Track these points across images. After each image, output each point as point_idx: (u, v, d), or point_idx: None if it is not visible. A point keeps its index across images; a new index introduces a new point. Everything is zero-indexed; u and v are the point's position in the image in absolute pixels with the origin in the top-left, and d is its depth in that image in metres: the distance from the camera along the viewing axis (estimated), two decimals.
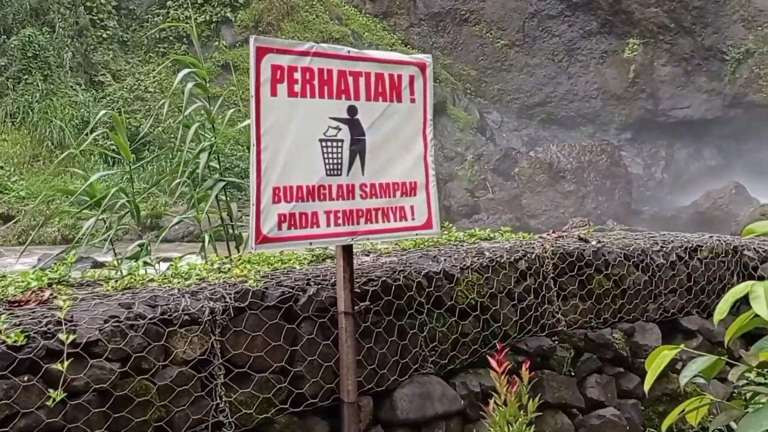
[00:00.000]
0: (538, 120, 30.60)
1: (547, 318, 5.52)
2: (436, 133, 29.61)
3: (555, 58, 30.34)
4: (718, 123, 28.35)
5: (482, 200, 26.11)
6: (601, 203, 24.34)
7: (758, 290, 3.78)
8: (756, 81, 27.55)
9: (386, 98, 4.36)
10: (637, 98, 29.35)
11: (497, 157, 27.86)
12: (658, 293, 6.31)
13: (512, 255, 5.41)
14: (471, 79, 31.06)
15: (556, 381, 5.36)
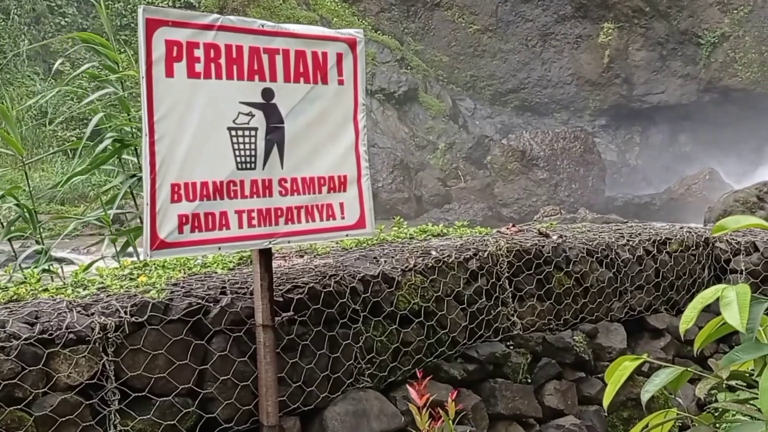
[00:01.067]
0: (511, 107, 30.14)
1: (501, 321, 5.07)
2: (408, 121, 29.11)
3: (529, 44, 29.86)
4: (694, 108, 28.07)
5: (454, 189, 25.68)
6: (575, 191, 23.98)
7: (729, 295, 3.33)
8: (731, 65, 27.29)
9: (309, 79, 3.85)
10: (612, 84, 28.98)
11: (470, 145, 27.40)
12: (623, 291, 5.89)
13: (462, 254, 4.95)
14: (443, 66, 30.52)
15: (511, 390, 4.91)
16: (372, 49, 29.51)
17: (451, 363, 4.73)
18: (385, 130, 28.84)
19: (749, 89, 26.77)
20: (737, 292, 3.28)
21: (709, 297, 3.40)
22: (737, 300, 3.24)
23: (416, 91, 29.28)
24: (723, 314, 3.21)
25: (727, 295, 3.29)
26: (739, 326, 3.14)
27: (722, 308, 3.26)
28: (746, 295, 3.25)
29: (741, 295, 3.27)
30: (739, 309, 3.21)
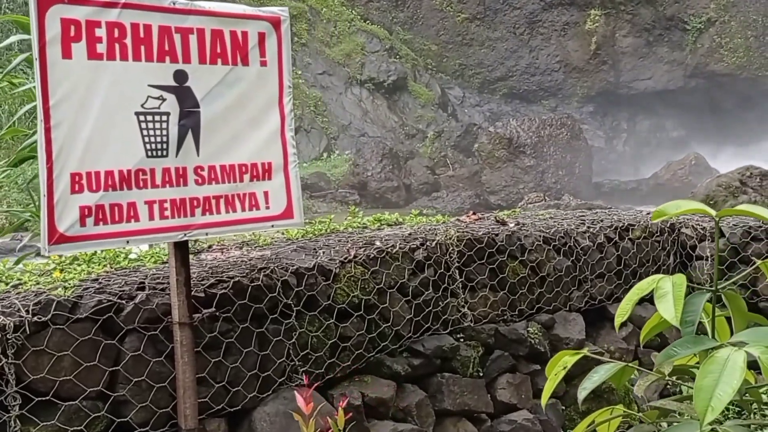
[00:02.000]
0: (500, 94, 29.80)
1: (450, 313, 4.79)
2: (397, 110, 28.77)
3: (516, 32, 29.48)
4: (680, 94, 27.75)
5: (443, 177, 25.36)
6: (561, 177, 23.66)
7: (665, 286, 3.07)
8: (717, 50, 26.94)
9: (227, 61, 3.55)
10: (599, 70, 28.64)
11: (458, 133, 27.07)
12: (583, 279, 5.62)
13: (408, 244, 4.66)
14: (432, 55, 30.14)
15: (459, 385, 4.64)
16: (361, 38, 29.16)
17: (395, 358, 4.46)
18: (374, 119, 28.52)
19: (735, 74, 26.44)
20: (673, 283, 3.00)
21: (645, 288, 3.12)
22: (672, 292, 2.97)
23: (405, 80, 28.92)
24: (657, 307, 2.94)
25: (662, 287, 3.02)
26: (673, 320, 2.87)
27: (656, 301, 2.98)
28: (682, 286, 2.97)
29: (677, 286, 2.99)
30: (674, 301, 2.93)
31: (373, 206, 25.17)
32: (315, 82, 28.37)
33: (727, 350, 2.72)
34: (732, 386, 2.60)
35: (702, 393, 2.64)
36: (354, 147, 26.99)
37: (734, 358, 2.68)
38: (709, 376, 2.66)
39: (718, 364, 2.68)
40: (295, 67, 28.35)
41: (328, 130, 27.74)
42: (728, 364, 2.67)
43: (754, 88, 25.95)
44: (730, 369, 2.65)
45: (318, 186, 25.11)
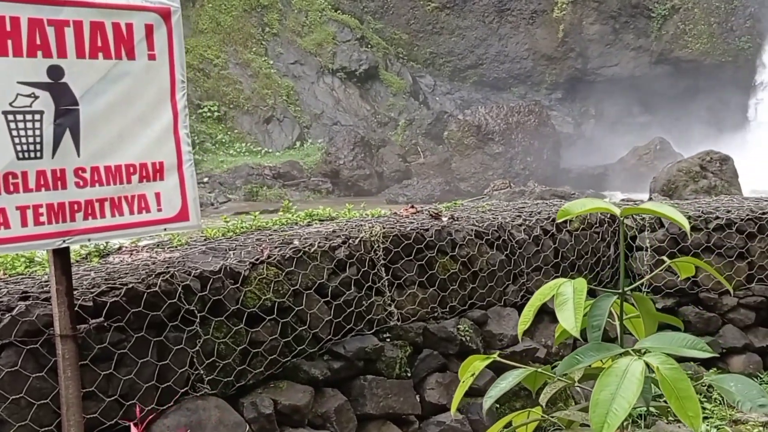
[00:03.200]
0: (470, 82, 29.50)
1: (376, 312, 4.52)
2: (369, 99, 28.40)
3: (486, 20, 29.14)
4: (646, 80, 27.58)
5: (414, 165, 25.08)
6: (530, 164, 23.46)
7: (566, 291, 2.82)
8: (682, 37, 26.78)
9: (110, 55, 3.23)
10: (567, 57, 28.40)
11: (429, 121, 26.76)
12: (518, 273, 5.36)
13: (329, 242, 4.37)
14: (403, 43, 29.74)
15: (383, 387, 4.38)
16: (332, 28, 28.71)
17: (314, 361, 4.18)
18: (347, 108, 28.15)
19: (699, 60, 26.32)
20: (574, 288, 2.75)
21: (547, 294, 2.88)
22: (573, 298, 2.72)
23: (377, 69, 28.55)
24: (557, 315, 2.69)
25: (563, 292, 2.76)
26: (573, 330, 2.61)
27: (556, 308, 2.73)
28: (582, 292, 2.72)
29: (577, 292, 2.74)
30: (574, 308, 2.67)
31: (346, 194, 24.85)
32: (287, 71, 27.94)
33: (626, 360, 2.49)
34: (628, 400, 2.38)
35: (598, 408, 2.40)
36: (326, 135, 26.63)
37: (632, 370, 2.44)
38: (605, 389, 2.43)
39: (615, 375, 2.45)
40: (268, 57, 27.91)
41: (300, 119, 27.34)
42: (626, 375, 2.44)
43: (717, 73, 25.84)
44: (628, 381, 2.42)
45: (291, 175, 24.75)
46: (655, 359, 2.47)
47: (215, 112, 26.13)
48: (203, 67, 26.56)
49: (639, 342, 2.71)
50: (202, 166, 24.51)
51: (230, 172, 23.73)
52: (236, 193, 22.76)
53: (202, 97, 26.33)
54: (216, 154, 25.16)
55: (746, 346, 5.73)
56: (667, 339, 2.70)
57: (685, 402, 2.41)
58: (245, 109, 26.56)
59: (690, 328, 5.76)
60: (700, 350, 2.57)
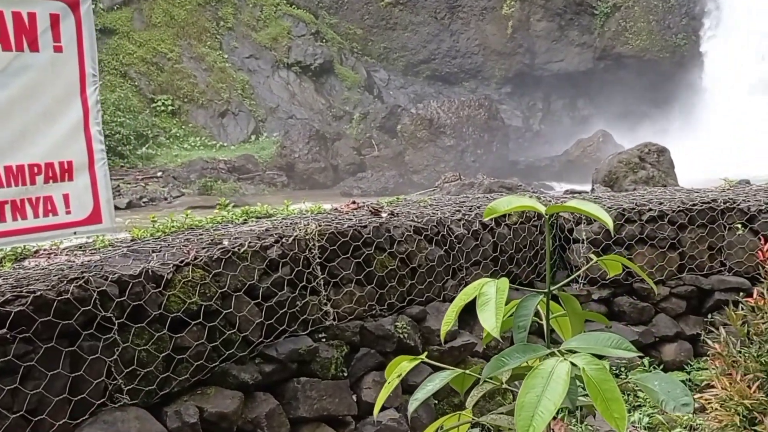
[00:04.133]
0: (423, 77, 29.33)
1: (310, 312, 4.29)
2: (324, 93, 28.02)
3: (438, 16, 28.96)
4: (590, 75, 27.77)
5: (368, 158, 24.83)
6: (480, 156, 23.42)
7: (488, 292, 2.62)
8: (623, 34, 27.00)
9: (10, 46, 2.92)
10: (516, 53, 28.41)
11: (383, 114, 26.50)
12: (457, 268, 5.19)
13: (260, 241, 4.11)
14: (357, 38, 29.39)
15: (318, 389, 4.15)
16: (287, 22, 28.20)
17: (244, 365, 3.93)
18: (302, 101, 27.72)
19: (639, 56, 26.61)
20: (497, 288, 2.56)
21: (470, 294, 2.68)
22: (495, 298, 2.52)
23: (332, 63, 28.17)
24: (479, 316, 2.50)
25: (485, 292, 2.56)
26: (493, 331, 2.42)
27: (478, 309, 2.53)
28: (504, 291, 2.52)
29: (500, 291, 2.54)
30: (496, 309, 2.48)
31: (301, 187, 24.49)
32: (242, 65, 27.36)
33: (552, 362, 2.32)
34: (554, 402, 2.21)
35: (523, 411, 2.22)
36: (282, 129, 26.18)
37: (558, 371, 2.28)
38: (531, 391, 2.25)
39: (541, 377, 2.27)
40: (222, 51, 27.29)
41: (255, 112, 26.83)
42: (552, 377, 2.27)
43: (656, 69, 26.18)
44: (554, 383, 2.25)
45: (246, 168, 24.27)
46: (580, 360, 2.32)
47: (169, 106, 25.46)
48: (157, 60, 25.83)
49: (565, 342, 2.55)
50: (156, 161, 23.88)
51: (184, 166, 23.15)
52: (190, 188, 22.21)
53: (155, 91, 25.62)
54: (170, 148, 24.53)
55: (678, 334, 5.67)
56: (592, 339, 2.55)
57: (611, 404, 2.25)
58: (200, 103, 25.94)
59: (625, 318, 5.68)
60: (625, 350, 2.44)
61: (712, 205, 5.76)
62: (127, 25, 26.28)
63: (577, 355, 2.33)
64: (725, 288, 5.74)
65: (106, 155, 3.20)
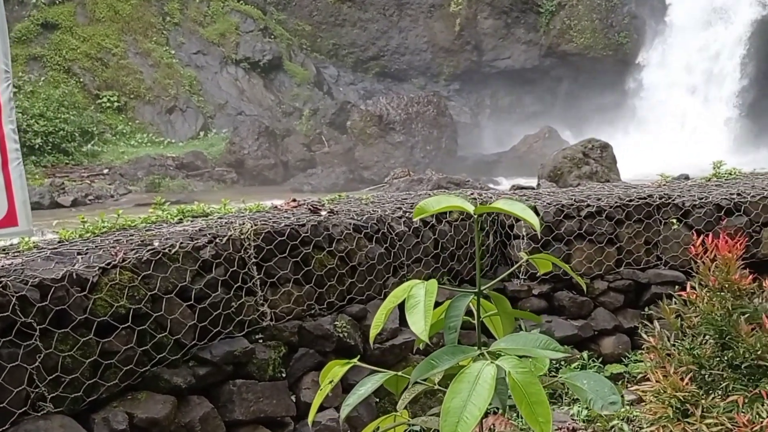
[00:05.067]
0: (373, 73, 29.26)
1: (246, 313, 4.17)
2: (274, 89, 27.68)
3: (386, 13, 28.92)
4: (536, 72, 28.15)
5: (318, 154, 24.65)
6: (429, 152, 23.51)
7: (418, 293, 2.55)
8: (567, 32, 27.43)
9: None
10: (464, 50, 28.59)
11: (333, 111, 26.36)
12: (399, 266, 5.13)
13: (193, 242, 3.98)
14: (306, 35, 29.12)
15: (254, 391, 4.04)
16: (235, 18, 27.76)
17: (177, 369, 3.80)
18: (251, 98, 27.34)
19: (583, 54, 27.08)
20: (426, 290, 2.50)
21: (400, 296, 2.62)
22: (424, 300, 2.47)
23: (281, 59, 27.84)
24: (407, 319, 2.44)
25: (414, 295, 2.50)
26: (422, 334, 2.36)
27: (407, 311, 2.47)
28: (433, 294, 2.47)
29: (428, 294, 2.49)
30: (424, 312, 2.43)
31: (251, 184, 24.16)
32: (189, 61, 26.82)
33: (479, 365, 2.28)
34: (479, 407, 2.17)
35: (449, 417, 2.18)
36: (231, 126, 25.78)
37: (484, 375, 2.24)
38: (457, 396, 2.21)
39: (468, 382, 2.23)
40: (169, 46, 26.70)
41: (204, 109, 26.34)
42: (478, 381, 2.23)
43: (599, 66, 26.67)
44: (480, 387, 2.21)
45: (194, 165, 23.82)
46: (507, 363, 2.28)
47: (115, 102, 24.79)
48: (101, 56, 25.12)
49: (495, 343, 2.52)
50: (102, 158, 23.24)
51: (131, 163, 22.59)
52: (137, 185, 21.69)
53: (100, 87, 24.92)
54: (116, 145, 23.91)
55: (616, 327, 5.74)
56: (521, 340, 2.53)
57: (536, 407, 2.23)
58: (146, 99, 25.33)
59: (565, 313, 5.72)
60: (553, 350, 2.43)
61: (648, 201, 5.85)
62: (69, 20, 25.47)
63: (504, 357, 2.30)
64: (661, 282, 5.83)
65: (21, 155, 3.03)
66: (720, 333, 4.22)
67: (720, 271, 4.23)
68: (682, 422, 4.08)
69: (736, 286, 4.16)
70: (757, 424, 3.84)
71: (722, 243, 4.17)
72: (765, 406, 4.19)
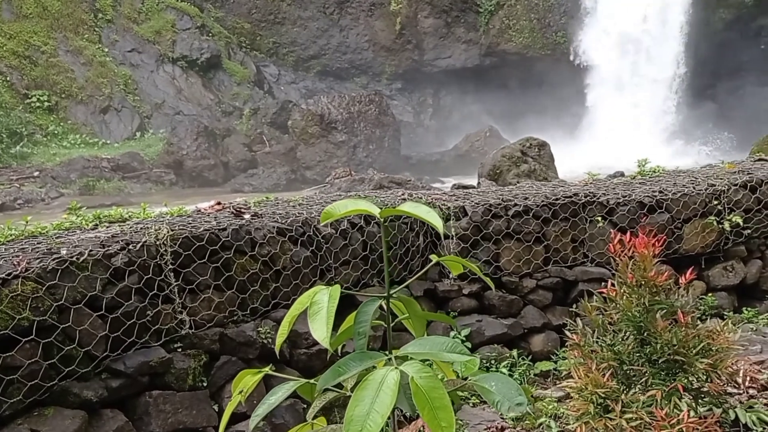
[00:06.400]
0: (314, 72, 29.05)
1: (163, 322, 4.05)
2: (213, 88, 27.21)
3: (326, 11, 28.76)
4: (477, 71, 28.44)
5: (259, 154, 24.34)
6: (372, 151, 23.47)
7: (321, 299, 2.50)
8: (506, 31, 27.80)
9: None
10: (405, 49, 28.67)
11: (274, 110, 26.06)
12: (326, 269, 5.07)
13: (104, 249, 3.83)
14: (245, 33, 28.71)
15: (172, 402, 3.93)
16: (171, 15, 27.17)
17: (88, 382, 3.66)
18: (189, 97, 26.81)
19: (522, 53, 27.50)
20: (330, 296, 2.46)
21: (305, 302, 2.57)
22: (327, 306, 2.42)
23: (219, 57, 27.38)
24: (310, 325, 2.39)
25: (318, 301, 2.45)
26: (324, 341, 2.30)
27: (309, 319, 2.42)
28: (335, 300, 2.43)
29: (332, 299, 2.44)
30: (327, 318, 2.38)
31: (190, 185, 23.68)
32: (124, 59, 26.11)
33: (382, 372, 2.25)
34: (382, 415, 2.15)
35: (352, 425, 2.15)
36: (168, 126, 25.21)
37: (388, 381, 2.21)
38: (361, 404, 2.18)
39: (371, 389, 2.20)
40: (102, 44, 25.96)
41: (140, 108, 25.69)
42: (382, 388, 2.20)
43: (538, 65, 27.13)
44: (383, 394, 2.19)
45: (131, 167, 23.21)
46: (411, 368, 2.26)
47: (45, 102, 23.94)
48: (30, 54, 24.21)
49: (402, 348, 2.50)
50: (32, 160, 22.42)
51: (64, 165, 21.85)
52: (71, 187, 21.00)
53: (29, 86, 24.02)
54: (47, 146, 23.10)
55: (545, 325, 5.82)
56: (428, 343, 2.52)
57: (439, 412, 2.21)
58: (79, 98, 24.54)
59: (495, 311, 5.77)
60: (460, 353, 2.42)
61: (573, 199, 5.94)
62: None
63: (408, 363, 2.28)
64: (588, 279, 5.94)
65: None
66: (638, 329, 4.32)
67: (638, 268, 4.33)
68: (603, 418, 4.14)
69: (653, 282, 4.27)
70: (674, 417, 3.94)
71: (640, 241, 4.26)
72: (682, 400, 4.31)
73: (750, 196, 6.42)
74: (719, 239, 6.33)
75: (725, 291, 6.38)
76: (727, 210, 6.31)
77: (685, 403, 4.26)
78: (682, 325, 4.27)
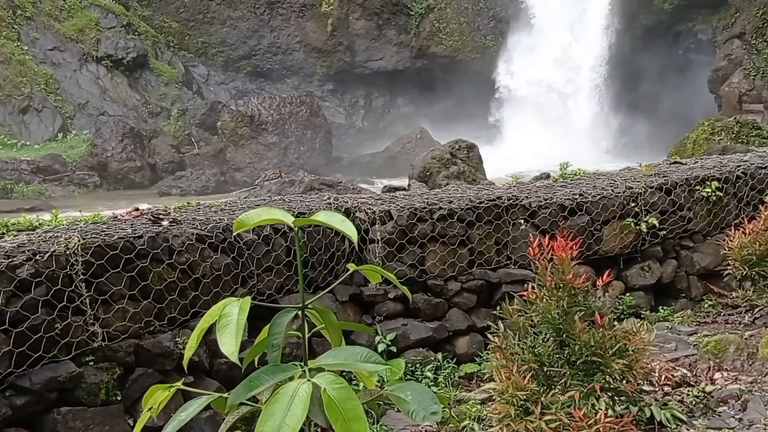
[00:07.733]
0: (244, 73, 28.60)
1: (74, 335, 3.85)
2: (139, 88, 26.43)
3: (257, 11, 28.36)
4: (408, 73, 28.63)
5: (188, 156, 23.79)
6: (303, 153, 23.29)
7: (231, 313, 2.41)
8: (437, 34, 28.09)
9: None
10: (336, 51, 28.58)
11: (203, 111, 25.53)
12: (248, 275, 4.96)
13: (7, 260, 3.62)
14: (173, 32, 28.00)
15: (83, 418, 3.75)
16: (95, 13, 26.24)
17: None
18: (114, 97, 25.94)
19: (452, 56, 27.84)
20: (240, 308, 2.37)
21: (215, 314, 2.47)
22: (236, 319, 2.34)
23: (146, 57, 26.61)
24: (219, 339, 2.31)
25: (227, 313, 2.36)
26: (232, 355, 2.22)
27: (218, 332, 2.34)
28: (245, 312, 2.35)
29: (242, 311, 2.36)
30: (236, 331, 2.30)
31: (116, 187, 22.92)
32: (45, 58, 25.06)
33: (294, 384, 2.19)
34: (293, 429, 2.10)
35: None
36: (93, 126, 24.34)
37: (300, 394, 2.15)
38: (271, 419, 2.11)
39: (282, 402, 2.14)
40: (21, 42, 24.84)
41: (62, 109, 24.69)
42: (293, 401, 2.14)
43: (467, 68, 27.51)
44: (294, 407, 2.13)
45: (53, 169, 22.31)
46: (323, 380, 2.20)
47: None
48: None
49: (316, 360, 2.44)
50: None
51: None
52: None
53: None
54: None
55: (470, 327, 5.86)
56: (342, 354, 2.47)
57: (352, 423, 2.17)
58: None
59: (420, 315, 5.77)
60: (374, 362, 2.39)
61: (497, 203, 6.01)
62: None
63: (322, 374, 2.22)
64: (512, 281, 6.02)
65: None
66: (558, 331, 4.39)
67: (557, 271, 4.40)
68: (524, 420, 4.19)
69: (571, 285, 4.35)
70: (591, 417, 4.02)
71: (558, 244, 4.33)
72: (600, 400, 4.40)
73: (665, 198, 6.64)
74: (637, 240, 6.53)
75: (642, 290, 6.58)
76: (644, 212, 6.51)
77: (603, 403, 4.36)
78: (599, 326, 4.37)
